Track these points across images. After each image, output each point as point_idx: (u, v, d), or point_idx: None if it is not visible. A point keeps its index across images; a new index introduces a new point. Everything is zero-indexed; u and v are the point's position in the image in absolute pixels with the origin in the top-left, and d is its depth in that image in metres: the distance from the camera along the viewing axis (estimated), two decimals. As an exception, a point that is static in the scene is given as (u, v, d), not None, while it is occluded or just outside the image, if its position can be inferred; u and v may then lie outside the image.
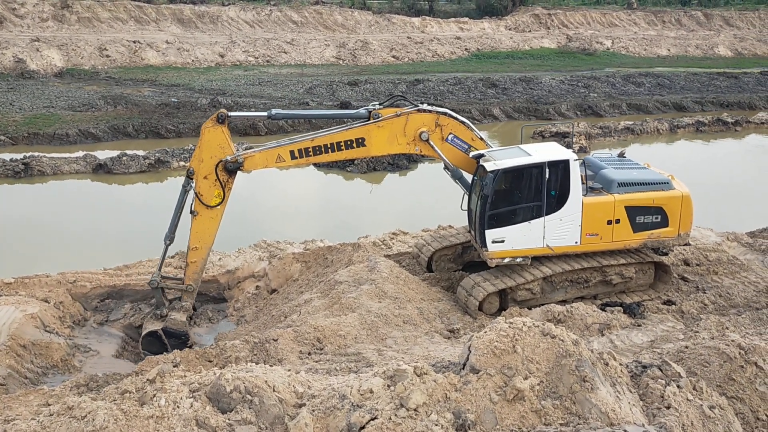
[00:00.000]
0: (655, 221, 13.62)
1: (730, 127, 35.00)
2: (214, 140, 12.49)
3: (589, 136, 31.27)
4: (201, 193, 12.66)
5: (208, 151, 12.52)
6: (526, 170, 12.86)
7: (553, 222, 12.99)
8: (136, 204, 22.76)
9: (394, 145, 13.27)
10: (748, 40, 76.22)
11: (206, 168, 12.55)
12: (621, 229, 13.45)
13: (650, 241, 13.76)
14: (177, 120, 32.26)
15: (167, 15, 61.96)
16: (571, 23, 77.27)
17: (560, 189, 12.90)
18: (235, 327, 14.03)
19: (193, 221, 12.90)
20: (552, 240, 13.12)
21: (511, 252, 13.01)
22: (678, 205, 13.66)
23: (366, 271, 13.55)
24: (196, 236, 12.96)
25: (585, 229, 13.19)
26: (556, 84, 45.72)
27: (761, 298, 13.83)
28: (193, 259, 13.11)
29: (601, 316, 12.33)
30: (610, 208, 13.27)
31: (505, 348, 5.85)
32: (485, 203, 12.66)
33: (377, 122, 12.99)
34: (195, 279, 13.25)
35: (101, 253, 17.56)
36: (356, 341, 11.26)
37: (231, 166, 12.54)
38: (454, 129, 13.43)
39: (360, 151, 13.18)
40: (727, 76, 51.14)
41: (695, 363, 6.86)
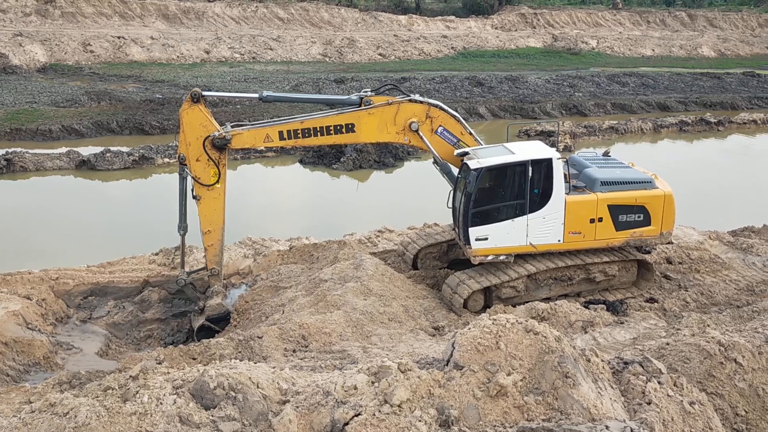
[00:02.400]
0: (638, 220, 13.71)
1: (713, 127, 35.38)
2: (195, 120, 12.41)
3: (574, 135, 31.48)
4: (198, 176, 12.63)
5: (192, 133, 12.44)
6: (510, 168, 12.93)
7: (536, 220, 13.06)
8: (120, 200, 22.61)
9: (384, 133, 13.27)
10: (731, 40, 77.02)
11: (195, 150, 12.50)
12: (604, 228, 13.53)
13: (633, 240, 13.86)
14: (161, 116, 32.04)
15: (152, 10, 61.49)
16: (557, 23, 77.68)
17: (543, 187, 12.97)
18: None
19: (199, 206, 12.90)
20: (535, 238, 13.19)
21: (495, 250, 13.08)
22: (660, 204, 13.76)
23: (351, 269, 13.55)
24: (206, 219, 12.98)
25: (568, 227, 13.27)
26: (542, 83, 45.93)
27: (742, 296, 14.01)
28: (209, 242, 13.17)
29: (585, 314, 12.43)
30: (593, 206, 13.36)
31: (488, 344, 5.89)
32: (469, 201, 12.72)
33: (368, 109, 12.98)
34: (217, 261, 13.38)
35: (84, 250, 17.42)
36: (341, 339, 11.26)
37: (218, 142, 12.46)
38: (444, 122, 13.47)
39: (349, 136, 13.16)
40: (711, 77, 51.63)
41: (676, 359, 6.95)
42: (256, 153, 27.49)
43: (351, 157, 26.51)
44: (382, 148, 27.75)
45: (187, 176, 12.77)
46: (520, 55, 63.99)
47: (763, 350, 7.03)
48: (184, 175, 12.81)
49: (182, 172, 12.85)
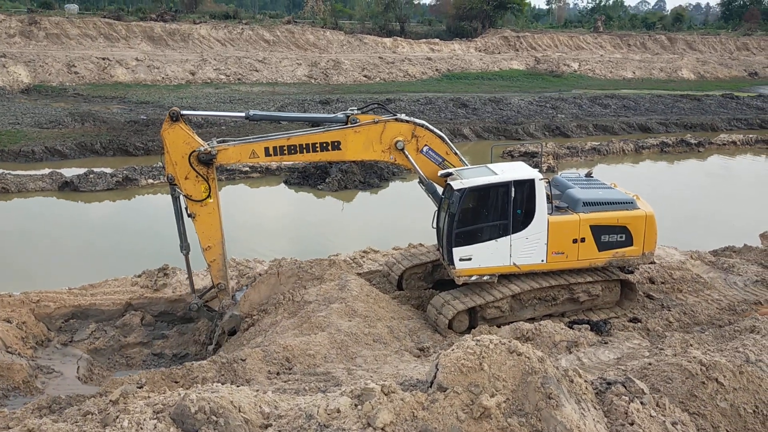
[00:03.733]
0: (620, 240, 13.79)
1: (693, 148, 35.89)
2: (178, 139, 12.41)
3: (557, 156, 31.78)
4: (189, 194, 12.65)
5: (177, 152, 12.42)
6: (493, 189, 12.99)
7: (519, 240, 13.11)
8: (103, 222, 22.45)
9: (369, 151, 13.30)
10: (710, 63, 78.48)
11: (183, 168, 12.50)
12: (586, 248, 13.60)
13: (615, 260, 13.93)
14: (146, 137, 31.99)
15: (137, 32, 61.61)
16: (539, 46, 78.79)
17: (526, 208, 13.05)
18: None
19: (195, 224, 12.93)
20: (518, 258, 13.24)
21: (478, 270, 13.11)
22: (642, 224, 13.86)
23: (336, 290, 13.51)
24: (204, 236, 13.03)
25: (551, 247, 13.33)
26: (525, 105, 46.45)
27: (724, 316, 14.11)
28: (211, 258, 13.16)
29: (569, 334, 12.44)
30: (575, 226, 13.44)
31: (472, 366, 5.88)
32: (452, 221, 12.75)
33: (354, 127, 13.02)
34: (222, 276, 13.39)
35: (66, 273, 17.24)
36: (326, 360, 11.19)
37: (204, 157, 12.46)
38: (429, 141, 13.54)
39: (335, 154, 13.16)
40: (690, 99, 52.50)
41: (658, 379, 6.97)
42: (241, 174, 27.47)
43: (336, 177, 26.56)
44: (368, 168, 27.85)
45: (179, 196, 12.76)
46: (503, 77, 64.79)
47: (744, 370, 7.09)
48: (176, 195, 12.78)
49: (174, 193, 12.82)
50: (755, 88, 66.75)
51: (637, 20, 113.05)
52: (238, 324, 13.48)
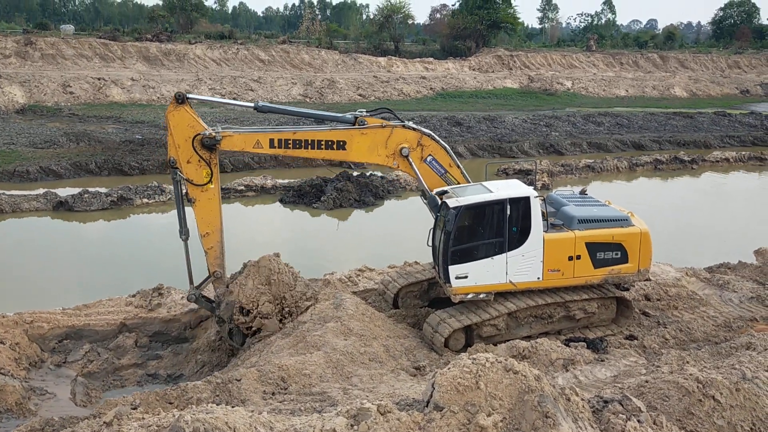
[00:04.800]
0: (615, 257, 13.82)
1: (687, 165, 36.09)
2: (182, 122, 12.32)
3: (552, 174, 31.89)
4: (190, 178, 12.57)
5: (181, 135, 12.35)
6: (488, 207, 13.00)
7: (515, 258, 13.11)
8: (97, 242, 22.37)
9: (374, 155, 13.28)
10: (702, 81, 79.17)
11: (185, 152, 12.42)
12: (582, 265, 13.61)
13: (611, 277, 13.94)
14: (141, 157, 31.99)
15: (133, 52, 61.88)
16: (533, 64, 79.41)
17: (522, 225, 13.06)
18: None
19: (194, 209, 12.79)
20: (515, 276, 13.23)
21: (475, 288, 13.08)
22: (637, 241, 13.88)
23: (331, 308, 13.46)
24: (203, 222, 12.88)
25: (547, 265, 13.33)
26: (519, 123, 46.69)
27: (720, 333, 14.12)
28: (209, 245, 13.01)
29: (565, 352, 12.42)
30: (571, 244, 13.45)
31: (468, 384, 5.86)
32: (448, 239, 12.73)
33: (361, 129, 13.01)
34: (219, 264, 13.24)
35: (60, 293, 17.16)
36: (321, 380, 11.12)
37: (208, 142, 12.38)
38: (434, 151, 13.56)
39: (339, 153, 13.12)
40: (683, 116, 52.88)
41: (655, 397, 6.95)
42: (236, 192, 27.48)
43: (331, 196, 26.58)
44: (363, 186, 27.89)
45: (180, 180, 12.65)
46: (497, 96, 65.19)
47: (741, 387, 7.07)
48: (177, 179, 12.66)
49: (175, 176, 12.69)
50: (747, 105, 67.32)
51: (629, 39, 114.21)
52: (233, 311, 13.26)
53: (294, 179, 29.66)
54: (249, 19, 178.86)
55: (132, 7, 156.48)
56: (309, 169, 32.55)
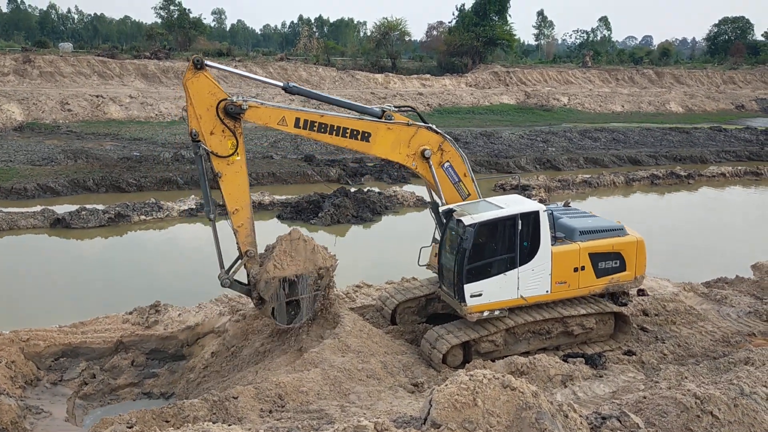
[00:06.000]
0: (615, 266, 14.11)
1: (683, 180, 36.21)
2: (203, 89, 11.66)
3: (549, 189, 31.97)
4: (215, 150, 11.85)
5: (202, 104, 11.68)
6: (501, 223, 12.97)
7: (525, 272, 13.15)
8: (94, 259, 22.32)
9: (395, 152, 13.09)
10: (698, 96, 79.64)
11: (208, 122, 11.72)
12: (586, 276, 13.82)
13: (611, 286, 14.17)
14: (139, 174, 32.04)
15: (131, 70, 62.17)
16: (529, 80, 79.85)
17: (531, 239, 13.15)
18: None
19: (221, 184, 12.10)
20: (526, 290, 13.27)
21: (489, 305, 13.01)
22: (634, 249, 14.24)
23: (329, 325, 13.43)
24: (231, 198, 12.23)
25: (555, 277, 13.46)
26: (516, 138, 46.88)
27: (718, 348, 14.10)
28: (238, 223, 12.38)
29: (564, 368, 12.39)
30: (576, 255, 13.65)
31: (465, 401, 5.83)
32: (464, 257, 12.61)
33: (388, 123, 12.85)
34: (250, 242, 12.61)
35: (57, 310, 17.07)
36: (319, 397, 11.07)
37: (233, 109, 11.75)
38: (452, 158, 13.51)
39: (362, 145, 12.84)
40: (679, 131, 53.14)
41: (653, 413, 6.92)
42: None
43: (329, 212, 26.60)
44: (360, 202, 27.92)
45: (203, 154, 11.85)
46: (494, 112, 65.48)
47: (739, 402, 7.05)
48: (200, 153, 11.85)
49: (198, 151, 11.87)
50: (742, 120, 67.72)
51: (625, 55, 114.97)
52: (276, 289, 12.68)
53: (291, 195, 29.69)
54: (247, 36, 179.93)
55: (130, 25, 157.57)
56: (306, 185, 32.62)
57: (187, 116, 11.87)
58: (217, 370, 13.51)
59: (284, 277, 12.68)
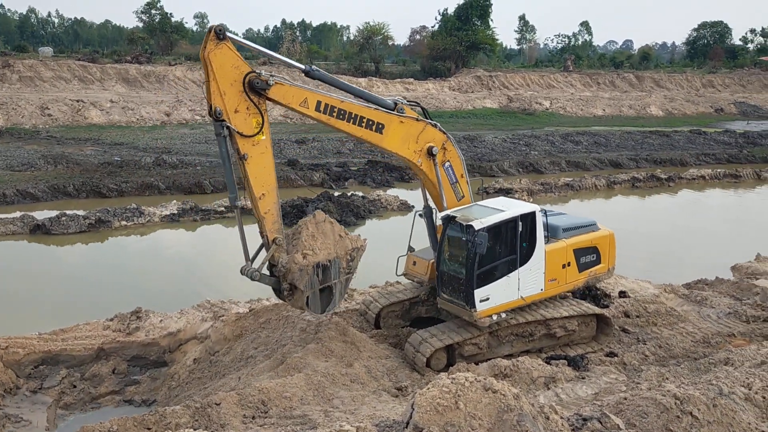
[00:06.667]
0: (593, 260, 14.64)
1: (664, 183, 36.59)
2: (226, 62, 10.69)
3: (531, 192, 32.15)
4: (240, 130, 10.94)
5: (226, 79, 10.74)
6: (504, 225, 13.06)
7: (525, 273, 13.34)
8: (74, 265, 22.09)
9: (404, 147, 12.87)
10: (678, 100, 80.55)
11: (232, 99, 10.85)
12: (572, 272, 14.24)
13: (590, 279, 14.71)
14: (120, 179, 31.79)
15: (112, 74, 61.73)
16: (512, 84, 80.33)
17: (529, 240, 13.33)
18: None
19: (247, 167, 11.13)
20: (525, 290, 13.46)
21: (496, 308, 13.09)
22: (607, 243, 14.91)
23: (312, 330, 13.39)
24: (257, 182, 11.26)
25: (548, 275, 13.73)
26: (499, 142, 47.10)
27: (698, 348, 14.25)
28: (265, 209, 11.48)
29: (547, 370, 12.45)
30: (564, 252, 14.05)
31: (447, 404, 5.84)
32: (474, 263, 12.58)
33: (401, 116, 12.64)
34: (278, 229, 11.73)
35: (36, 317, 16.84)
36: (302, 403, 11.02)
37: (258, 84, 10.96)
38: (452, 158, 13.49)
39: (375, 136, 12.48)
40: (659, 135, 53.70)
41: (634, 414, 6.98)
42: (216, 214, 27.34)
43: (312, 217, 26.54)
44: (344, 207, 27.90)
45: (227, 135, 10.90)
46: (477, 116, 65.77)
47: (718, 403, 7.13)
48: (224, 133, 10.87)
49: (221, 131, 10.85)
50: (721, 123, 68.58)
51: (606, 59, 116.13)
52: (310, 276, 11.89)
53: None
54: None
55: (111, 29, 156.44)
56: (290, 189, 32.52)
57: (207, 93, 10.89)
58: (200, 377, 13.41)
59: (318, 262, 11.89)
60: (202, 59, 10.73)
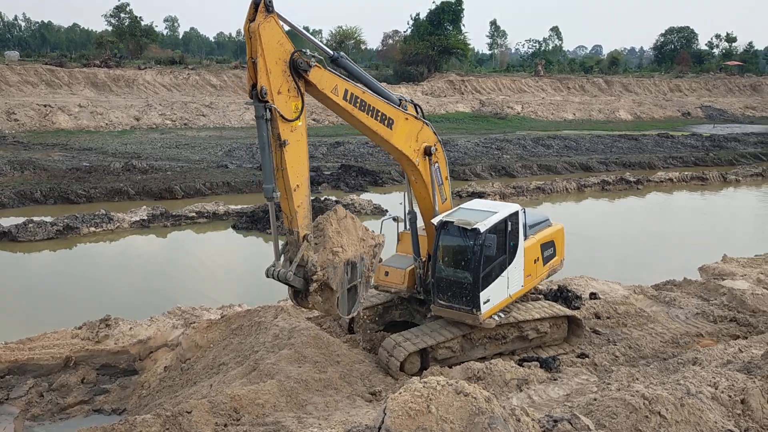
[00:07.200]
0: (551, 254, 15.21)
1: (633, 186, 37.18)
2: (273, 38, 9.77)
3: (504, 196, 32.41)
4: (283, 113, 10.05)
5: (272, 56, 9.82)
6: (499, 225, 13.23)
7: (512, 271, 13.59)
8: (42, 273, 21.68)
9: (407, 144, 12.64)
10: (646, 104, 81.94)
11: (277, 78, 9.95)
12: (539, 266, 14.68)
13: (549, 272, 15.29)
14: (88, 184, 31.31)
15: (80, 78, 60.80)
16: (484, 89, 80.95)
17: (514, 239, 13.58)
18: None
19: (286, 155, 10.15)
20: (511, 288, 13.71)
21: (494, 309, 13.28)
22: (561, 236, 15.67)
23: (285, 335, 13.31)
24: (293, 171, 10.29)
25: (526, 271, 14.06)
26: (472, 146, 47.44)
27: (668, 349, 14.48)
28: (298, 202, 10.57)
29: (519, 372, 12.53)
30: (536, 248, 14.47)
31: (419, 408, 5.84)
32: (479, 265, 12.67)
33: (405, 113, 12.47)
34: (307, 225, 10.85)
35: (2, 326, 16.49)
36: (275, 409, 10.94)
37: (302, 64, 10.20)
38: (440, 161, 13.47)
39: (386, 131, 12.10)
40: (628, 138, 54.56)
41: (603, 415, 7.06)
42: (187, 219, 27.07)
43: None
44: (317, 211, 27.73)
45: (268, 118, 9.92)
46: (449, 120, 66.16)
47: (686, 402, 7.25)
48: (266, 116, 9.90)
49: (263, 113, 9.86)
50: (689, 127, 69.96)
51: (576, 64, 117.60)
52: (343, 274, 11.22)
53: (247, 205, 29.40)
54: (200, 44, 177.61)
55: (79, 33, 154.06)
56: (261, 194, 32.30)
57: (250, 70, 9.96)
58: (170, 385, 13.24)
59: (348, 260, 11.20)
60: (246, 33, 9.78)
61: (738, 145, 53.59)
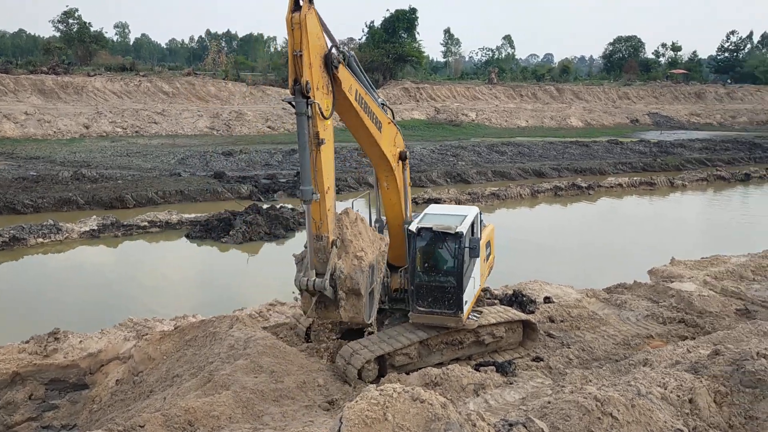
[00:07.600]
0: (489, 252, 15.73)
1: (584, 191, 37.99)
2: (314, 31, 9.36)
3: (459, 202, 32.71)
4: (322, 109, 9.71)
5: (314, 50, 9.38)
6: (471, 228, 13.52)
7: (476, 270, 13.90)
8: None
9: (389, 148, 12.62)
10: (596, 111, 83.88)
11: (317, 73, 9.50)
12: (487, 265, 15.27)
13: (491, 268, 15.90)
14: (35, 194, 30.38)
15: (27, 85, 59.08)
16: (439, 96, 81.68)
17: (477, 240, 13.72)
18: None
19: (320, 155, 9.69)
20: (476, 287, 14.05)
21: (469, 309, 13.51)
22: (493, 235, 16.29)
23: (241, 346, 13.13)
24: (327, 172, 9.93)
25: (481, 270, 14.51)
26: (427, 153, 47.78)
27: (619, 350, 14.79)
28: (329, 205, 10.14)
29: (476, 377, 12.62)
30: (484, 248, 14.71)
31: (376, 417, 5.83)
32: (462, 267, 12.85)
33: (388, 118, 12.45)
34: (334, 229, 10.49)
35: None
36: (231, 421, 10.77)
37: (336, 62, 9.91)
38: (407, 167, 13.68)
39: (378, 134, 11.99)
40: (579, 145, 55.76)
41: (557, 417, 7.17)
42: (139, 228, 26.53)
43: (240, 229, 26.13)
44: (273, 219, 27.57)
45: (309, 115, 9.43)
46: (405, 127, 66.41)
47: (636, 403, 7.42)
48: (308, 113, 9.40)
49: (304, 110, 9.35)
50: (637, 133, 71.93)
51: (528, 72, 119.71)
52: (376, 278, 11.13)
53: (201, 213, 28.98)
54: (152, 50, 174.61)
55: (26, 39, 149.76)
56: (217, 203, 31.91)
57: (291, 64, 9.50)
58: (123, 399, 12.91)
59: (370, 264, 10.83)
60: (288, 25, 9.26)
61: (684, 150, 55.27)
